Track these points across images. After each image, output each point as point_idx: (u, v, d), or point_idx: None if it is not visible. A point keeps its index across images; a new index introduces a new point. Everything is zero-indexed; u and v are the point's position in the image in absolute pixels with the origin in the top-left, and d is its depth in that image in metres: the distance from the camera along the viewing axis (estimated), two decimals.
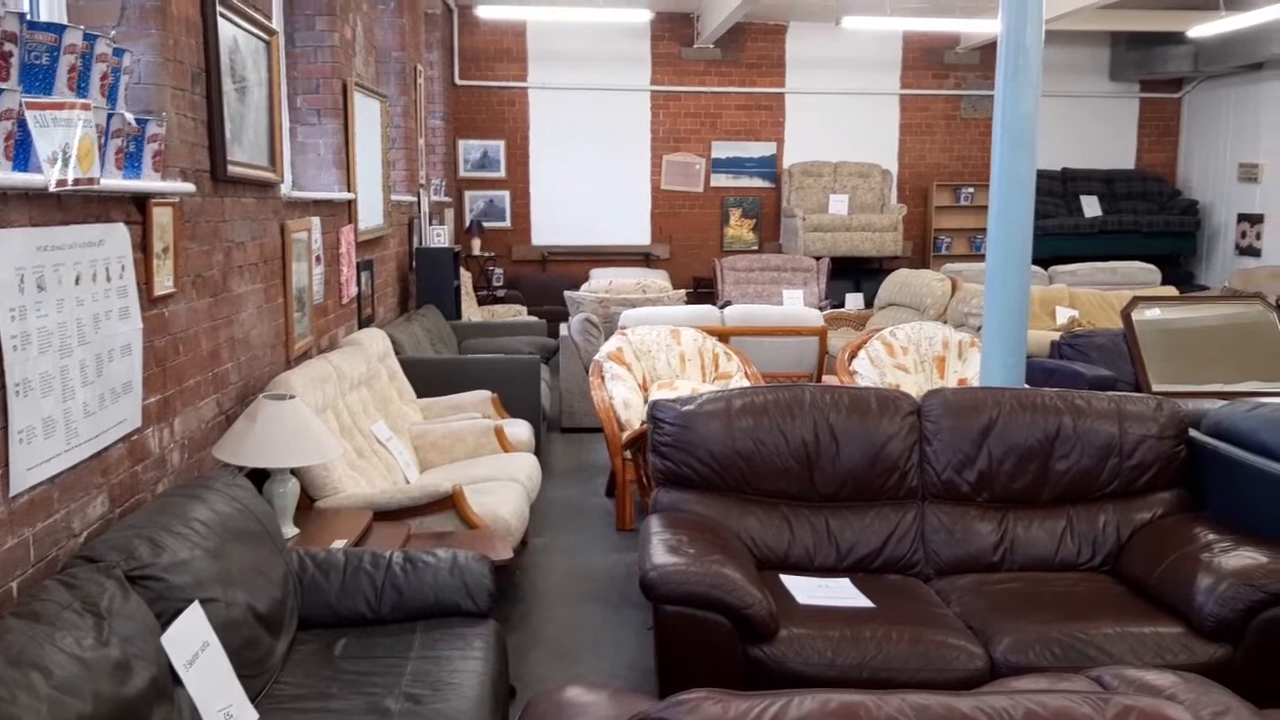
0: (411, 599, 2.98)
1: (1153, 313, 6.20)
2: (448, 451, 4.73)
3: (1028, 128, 4.31)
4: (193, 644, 2.35)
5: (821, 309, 9.58)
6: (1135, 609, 3.11)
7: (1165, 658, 2.87)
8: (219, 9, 3.58)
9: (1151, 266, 9.89)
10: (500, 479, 4.27)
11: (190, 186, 3.31)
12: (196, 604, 2.41)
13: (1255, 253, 11.21)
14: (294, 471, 3.51)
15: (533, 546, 4.91)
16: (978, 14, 9.76)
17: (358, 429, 4.26)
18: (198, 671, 2.33)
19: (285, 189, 4.65)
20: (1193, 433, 3.59)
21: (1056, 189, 11.73)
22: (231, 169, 3.68)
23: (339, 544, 3.27)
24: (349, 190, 5.55)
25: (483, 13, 10.24)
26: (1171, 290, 8.62)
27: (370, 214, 6.20)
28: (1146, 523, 3.48)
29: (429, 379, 5.65)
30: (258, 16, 4.09)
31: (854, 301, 10.05)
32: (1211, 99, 11.86)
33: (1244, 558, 3.00)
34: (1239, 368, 6.49)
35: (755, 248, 11.86)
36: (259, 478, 3.44)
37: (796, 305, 8.94)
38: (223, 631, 2.46)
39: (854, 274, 11.22)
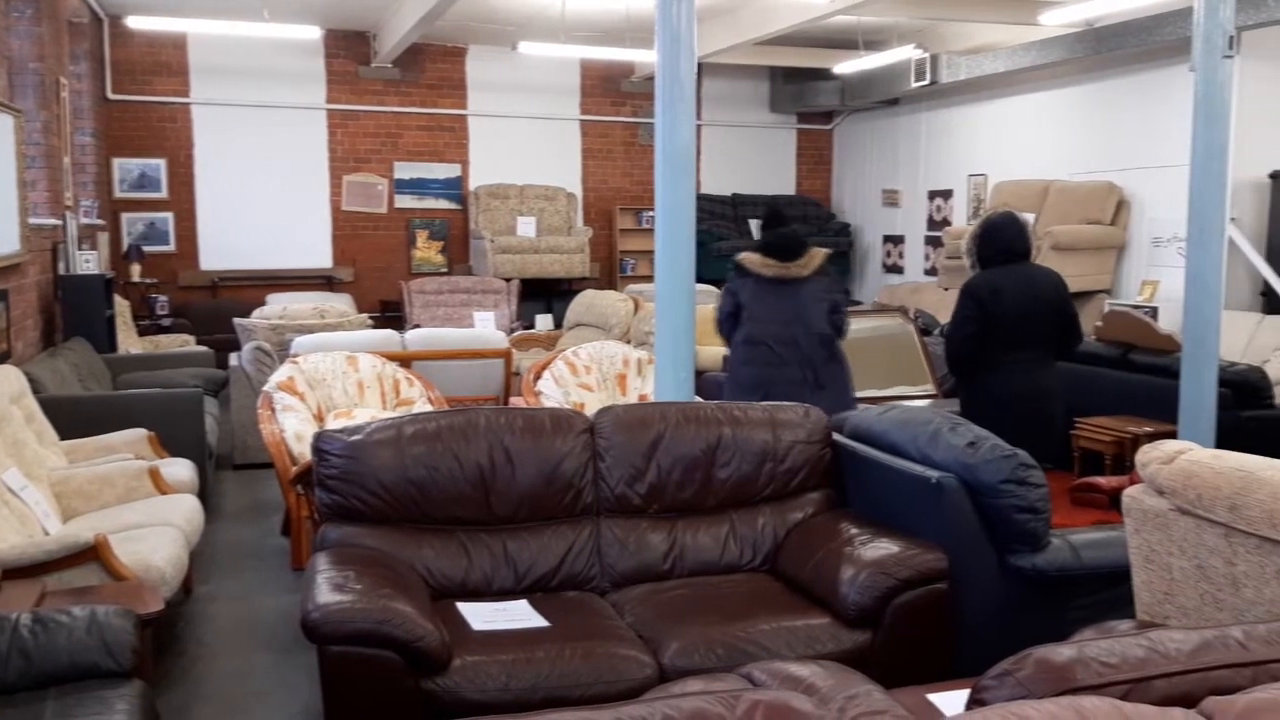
0: (42, 664, 2.68)
1: None
2: (95, 498, 4.31)
3: (686, 154, 4.52)
4: None
5: (513, 330, 9.63)
6: (790, 604, 3.32)
7: (815, 648, 3.08)
8: None
9: None
10: (154, 524, 3.94)
11: None
12: None
13: (899, 270, 12.42)
14: None
15: (197, 594, 4.58)
16: (646, 45, 10.18)
17: None
18: None
19: None
20: (836, 436, 3.90)
21: (727, 213, 12.45)
22: None
23: None
24: None
25: (134, 23, 9.52)
26: None
27: (3, 240, 5.59)
28: (799, 522, 3.73)
29: (77, 419, 5.12)
30: None
31: (544, 322, 10.18)
32: (857, 131, 13.04)
33: (879, 548, 3.28)
34: (887, 374, 7.15)
35: (445, 270, 11.74)
36: None
37: (488, 327, 8.93)
38: None
39: (545, 295, 11.37)
